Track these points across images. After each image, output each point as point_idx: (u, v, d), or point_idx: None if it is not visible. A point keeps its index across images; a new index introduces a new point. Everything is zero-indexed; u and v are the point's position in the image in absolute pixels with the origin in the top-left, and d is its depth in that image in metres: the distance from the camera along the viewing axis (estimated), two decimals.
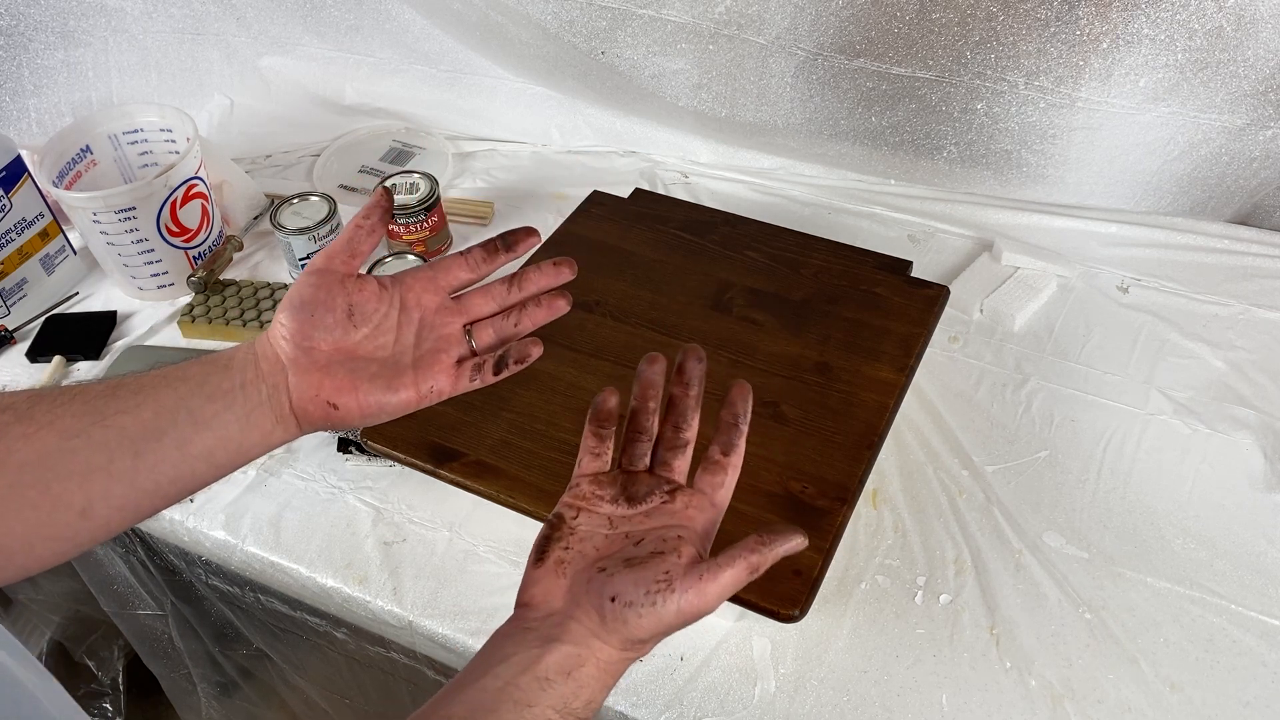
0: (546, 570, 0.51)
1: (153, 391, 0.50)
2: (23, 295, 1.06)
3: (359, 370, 0.55)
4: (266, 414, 0.53)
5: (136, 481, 0.49)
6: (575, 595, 0.49)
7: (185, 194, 1.01)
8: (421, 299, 0.58)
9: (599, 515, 0.53)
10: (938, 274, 1.02)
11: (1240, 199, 1.02)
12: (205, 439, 0.51)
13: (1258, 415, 0.87)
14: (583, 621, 0.48)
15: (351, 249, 0.56)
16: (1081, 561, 0.77)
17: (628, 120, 1.20)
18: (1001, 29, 0.90)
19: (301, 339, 0.54)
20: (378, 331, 0.56)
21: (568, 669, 0.46)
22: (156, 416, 0.50)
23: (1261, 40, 0.85)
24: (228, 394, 0.52)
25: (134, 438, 0.49)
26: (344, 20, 1.20)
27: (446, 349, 0.58)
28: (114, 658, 1.43)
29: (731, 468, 0.55)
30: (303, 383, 0.54)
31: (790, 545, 0.49)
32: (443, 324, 0.58)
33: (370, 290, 0.56)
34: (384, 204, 0.58)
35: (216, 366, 0.53)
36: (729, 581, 0.48)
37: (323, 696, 1.10)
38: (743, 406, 0.55)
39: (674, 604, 0.47)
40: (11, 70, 1.16)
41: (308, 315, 0.54)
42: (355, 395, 0.54)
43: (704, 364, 0.56)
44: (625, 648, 0.48)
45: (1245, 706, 0.69)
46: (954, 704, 0.70)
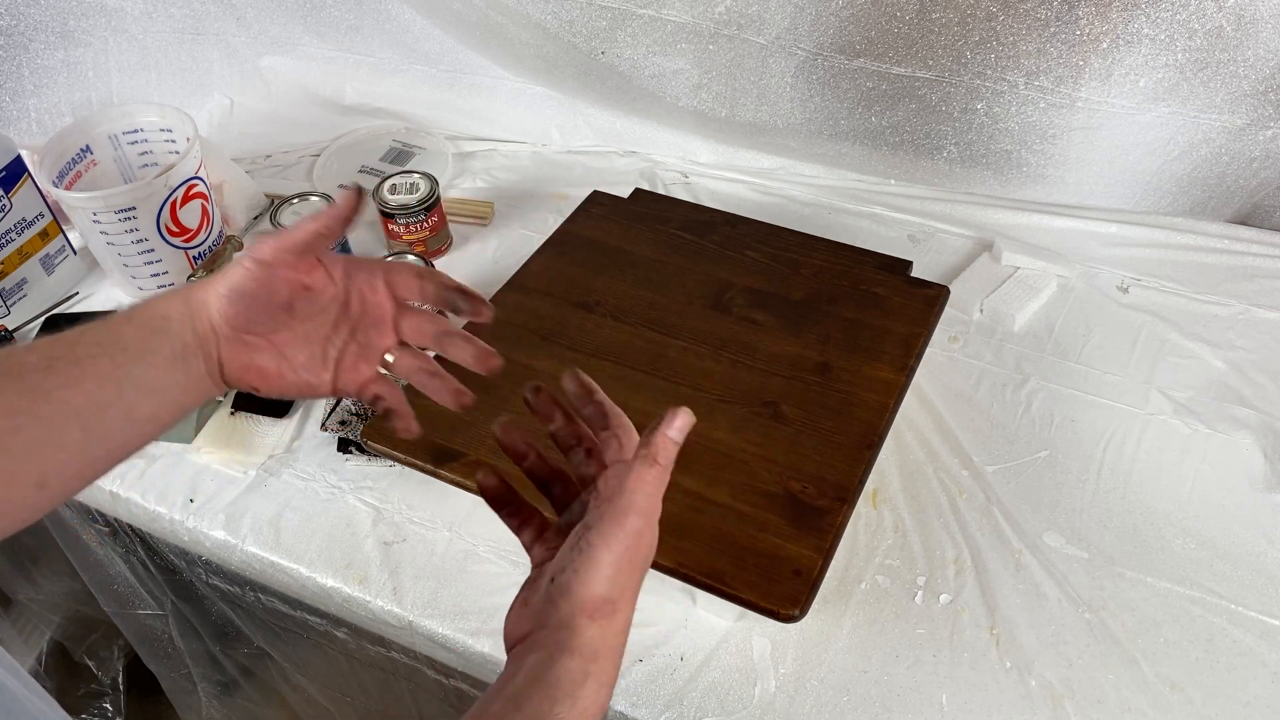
0: (513, 611, 0.49)
1: (92, 363, 0.50)
2: (23, 295, 1.06)
3: (287, 359, 0.56)
4: (204, 376, 0.54)
5: (88, 450, 0.50)
6: (535, 610, 0.47)
7: (185, 194, 1.01)
8: (367, 304, 0.58)
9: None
10: (938, 274, 1.02)
11: (1240, 199, 1.02)
12: (150, 404, 0.52)
13: (1258, 415, 0.87)
14: (545, 624, 0.45)
15: (304, 248, 0.55)
16: (1081, 561, 0.77)
17: (628, 120, 1.20)
18: (1001, 29, 0.90)
19: (237, 325, 0.54)
20: (315, 325, 0.56)
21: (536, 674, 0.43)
22: (100, 388, 0.50)
23: (1261, 40, 0.85)
24: (168, 360, 0.52)
25: (79, 411, 0.49)
26: (344, 20, 1.20)
27: (369, 359, 0.58)
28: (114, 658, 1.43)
29: (618, 429, 0.54)
30: (233, 358, 0.54)
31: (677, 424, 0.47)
32: (377, 334, 0.58)
33: (318, 284, 0.56)
34: (348, 214, 0.55)
35: (152, 330, 0.53)
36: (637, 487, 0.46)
37: (324, 695, 1.10)
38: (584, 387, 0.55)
39: (599, 541, 0.45)
40: (11, 70, 1.16)
41: (246, 306, 0.54)
42: (280, 380, 0.56)
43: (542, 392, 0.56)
44: (592, 615, 0.45)
45: (1245, 706, 0.69)
46: (954, 704, 0.70)
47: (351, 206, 0.55)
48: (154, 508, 0.87)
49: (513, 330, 0.90)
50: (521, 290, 0.94)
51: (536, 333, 0.89)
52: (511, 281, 0.96)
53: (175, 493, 0.88)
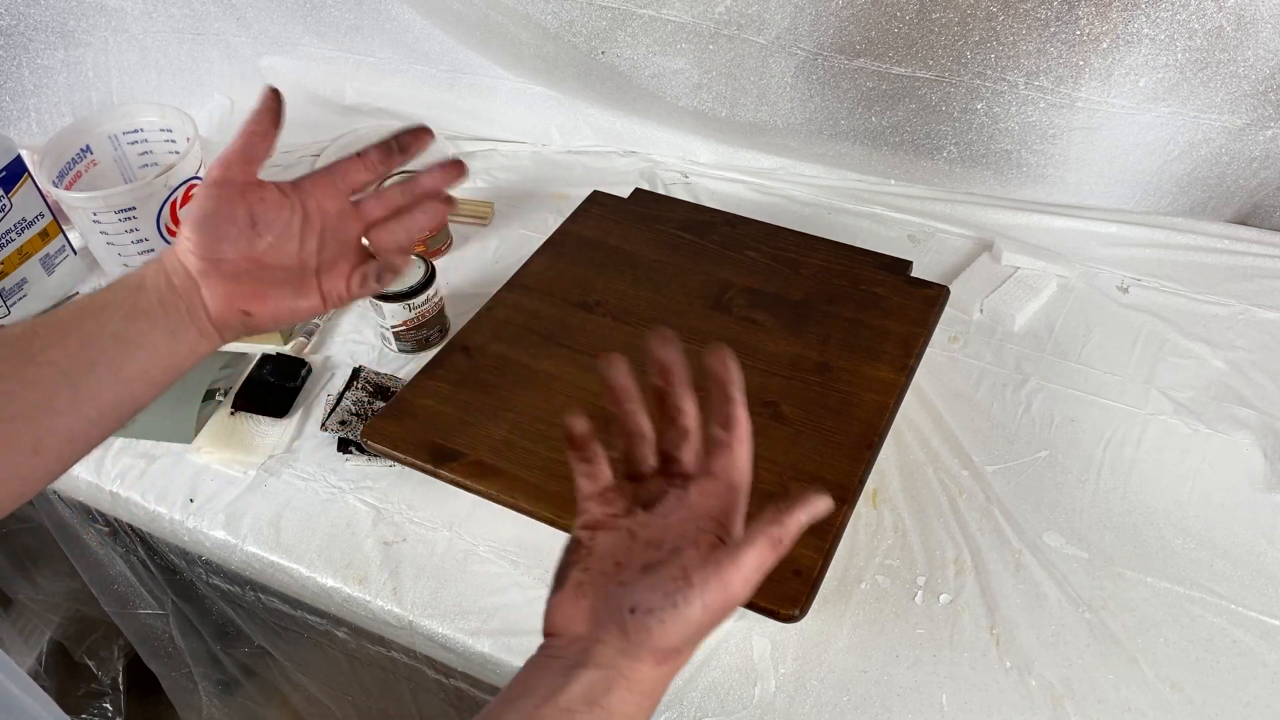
0: (565, 595, 0.48)
1: (74, 324, 0.51)
2: (23, 295, 1.06)
3: (266, 278, 0.56)
4: (189, 327, 0.54)
5: (80, 411, 0.51)
6: (597, 615, 0.46)
7: (185, 194, 1.01)
8: (323, 204, 0.59)
9: (617, 531, 0.50)
10: (938, 274, 1.02)
11: (1240, 199, 1.02)
12: (137, 359, 0.52)
13: (1258, 415, 0.87)
14: (608, 642, 0.44)
15: (247, 156, 0.56)
16: (1081, 561, 0.77)
17: (628, 120, 1.20)
18: (1001, 29, 0.90)
19: (207, 251, 0.54)
20: (282, 239, 0.57)
21: (592, 697, 0.43)
22: (84, 347, 0.51)
23: (1261, 40, 0.85)
24: (149, 313, 0.53)
25: (67, 371, 0.50)
26: (344, 20, 1.20)
27: (346, 255, 0.59)
28: (114, 657, 1.43)
29: (738, 441, 0.51)
30: (216, 293, 0.55)
31: (812, 510, 0.45)
32: (343, 230, 0.59)
33: (271, 198, 0.57)
34: (271, 104, 0.57)
35: (129, 289, 0.54)
36: (752, 563, 0.44)
37: (324, 694, 1.10)
38: (727, 375, 0.51)
39: (696, 600, 0.43)
40: (11, 70, 1.16)
41: (211, 228, 0.55)
42: (266, 302, 0.56)
43: (676, 344, 0.51)
44: (659, 661, 0.45)
45: (1245, 706, 0.69)
46: (954, 704, 0.70)
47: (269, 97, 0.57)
48: (154, 508, 0.87)
49: (513, 330, 0.90)
50: (521, 290, 0.94)
51: (536, 333, 0.89)
52: (511, 281, 0.96)
53: (175, 493, 0.88)
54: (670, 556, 0.46)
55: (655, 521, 0.49)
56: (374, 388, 0.94)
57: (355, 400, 0.93)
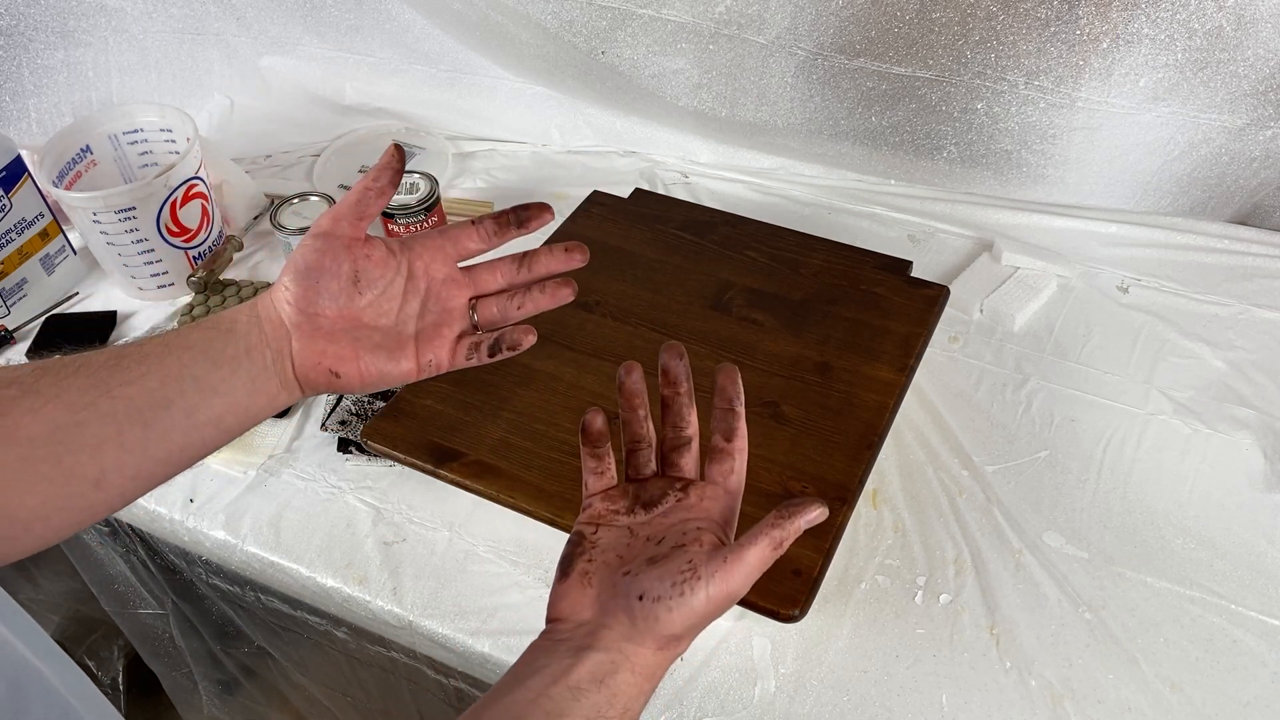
0: (572, 583, 0.51)
1: (157, 361, 0.50)
2: (23, 295, 1.06)
3: (362, 339, 0.54)
4: (271, 378, 0.53)
5: (148, 451, 0.49)
6: (603, 602, 0.49)
7: (185, 194, 1.01)
8: (430, 268, 0.57)
9: (618, 528, 0.53)
10: (938, 274, 1.02)
11: (1240, 199, 1.02)
12: (213, 405, 0.51)
13: (1258, 415, 0.87)
14: (614, 627, 0.48)
15: (359, 212, 0.54)
16: (1081, 561, 0.77)
17: (628, 120, 1.20)
18: (1001, 29, 0.90)
19: (306, 305, 0.53)
20: (383, 298, 0.55)
21: (600, 677, 0.46)
22: (163, 385, 0.49)
23: (1261, 40, 0.85)
24: (233, 359, 0.52)
25: (141, 408, 0.49)
26: (344, 20, 1.20)
27: (449, 323, 0.57)
28: (114, 657, 1.43)
29: (738, 451, 0.55)
30: (306, 349, 0.53)
31: (811, 516, 0.48)
32: (448, 296, 0.57)
33: (378, 255, 0.55)
34: (395, 165, 0.55)
35: (219, 331, 0.52)
36: (754, 560, 0.47)
37: (324, 694, 1.10)
38: (734, 389, 0.55)
39: (702, 591, 0.47)
40: (11, 70, 1.16)
41: (313, 281, 0.53)
42: (357, 364, 0.54)
43: (685, 359, 0.55)
44: (661, 646, 0.48)
45: (1245, 706, 0.69)
46: (954, 704, 0.70)
47: (393, 157, 0.55)
48: (154, 508, 0.87)
49: None
50: None
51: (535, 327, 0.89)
52: None
53: (175, 493, 0.88)
54: (674, 552, 0.49)
55: (655, 520, 0.53)
56: None
57: (355, 400, 0.93)
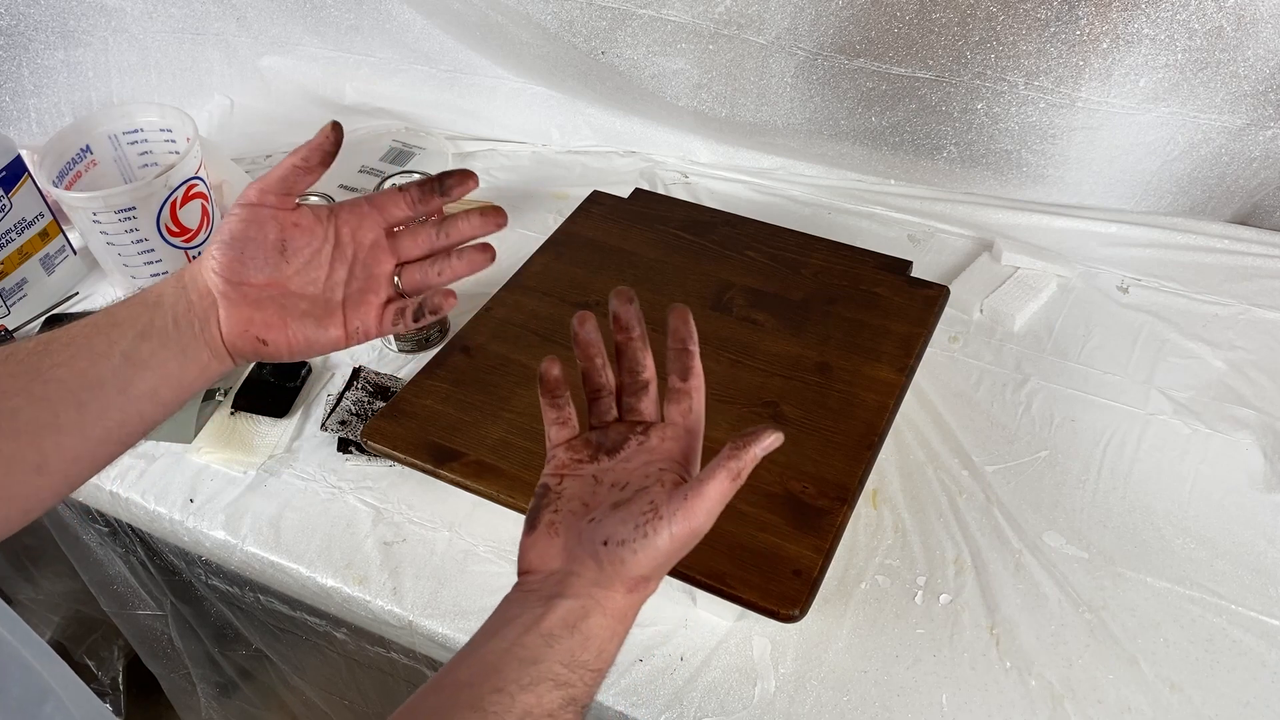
0: (539, 535, 0.51)
1: (85, 341, 0.50)
2: (23, 295, 1.06)
3: (289, 306, 0.55)
4: (201, 348, 0.53)
5: (86, 431, 0.50)
6: (571, 550, 0.49)
7: (185, 194, 1.01)
8: (357, 234, 0.57)
9: (583, 477, 0.53)
10: (938, 274, 1.02)
11: (1240, 199, 1.02)
12: (146, 379, 0.51)
13: (1258, 415, 0.87)
14: (582, 574, 0.48)
15: (285, 188, 0.55)
16: (1081, 561, 0.77)
17: (628, 120, 1.20)
18: (1001, 29, 0.90)
19: (232, 273, 0.53)
20: (310, 266, 0.56)
21: (571, 622, 0.46)
22: (94, 364, 0.50)
23: (1261, 40, 0.85)
24: (161, 331, 0.52)
25: (75, 389, 0.49)
26: (344, 20, 1.20)
27: (375, 289, 0.57)
28: (114, 658, 1.43)
29: (694, 390, 0.55)
30: (233, 317, 0.53)
31: (766, 443, 0.48)
32: (375, 263, 0.58)
33: (305, 223, 0.56)
34: (327, 146, 0.55)
35: (145, 305, 0.53)
36: (714, 495, 0.48)
37: (322, 698, 1.10)
38: (686, 330, 0.55)
39: (665, 530, 0.47)
40: (11, 70, 1.16)
41: (239, 250, 0.54)
42: (285, 331, 0.54)
43: (635, 303, 0.56)
44: (631, 588, 0.48)
45: (1245, 706, 0.69)
46: (954, 704, 0.70)
47: (326, 138, 0.55)
48: (154, 508, 0.87)
49: (512, 330, 0.90)
50: (521, 290, 0.94)
51: (536, 333, 0.89)
52: (511, 281, 0.96)
53: (175, 493, 0.88)
54: (637, 495, 0.50)
55: (618, 466, 0.53)
56: (374, 388, 0.94)
57: (355, 400, 0.93)
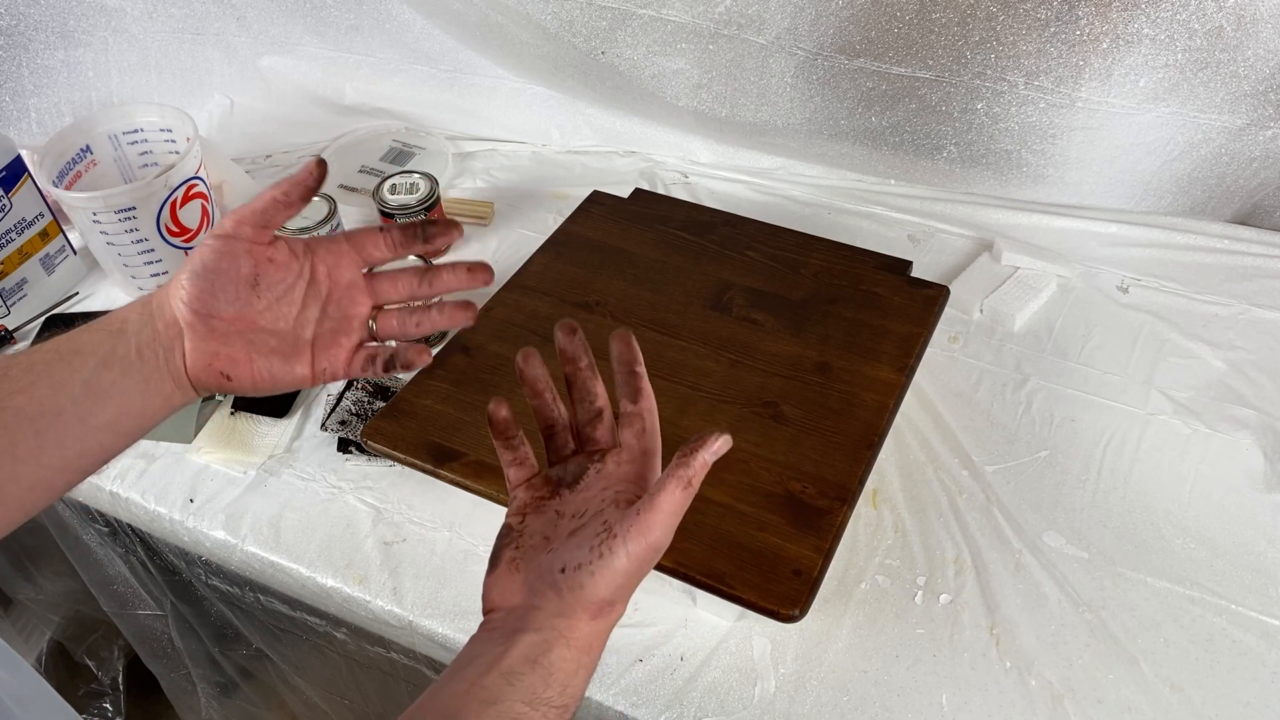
0: (501, 573, 0.51)
1: (45, 368, 0.49)
2: (23, 295, 1.06)
3: (257, 342, 0.53)
4: (165, 378, 0.52)
5: (43, 460, 0.48)
6: (531, 584, 0.49)
7: (185, 194, 1.01)
8: (333, 272, 0.56)
9: (545, 514, 0.53)
10: (938, 274, 1.02)
11: (1240, 199, 1.02)
12: (107, 409, 0.50)
13: (1258, 415, 0.87)
14: (543, 606, 0.47)
15: (264, 220, 0.53)
16: (1081, 561, 0.77)
17: (628, 120, 1.20)
18: (1001, 29, 0.90)
19: (201, 305, 0.52)
20: (281, 302, 0.54)
21: (533, 657, 0.45)
22: (54, 392, 0.49)
23: (1261, 40, 0.85)
24: (124, 360, 0.51)
25: (33, 416, 0.48)
26: (344, 20, 1.20)
27: (348, 331, 0.56)
28: (114, 658, 1.43)
29: (645, 411, 0.54)
30: (198, 350, 0.52)
31: (714, 448, 0.47)
32: (350, 303, 0.56)
33: (280, 257, 0.54)
34: (310, 183, 0.54)
35: (108, 333, 0.51)
36: (668, 506, 0.47)
37: (322, 697, 1.10)
38: (630, 354, 0.54)
39: (621, 549, 0.46)
40: (11, 70, 1.16)
41: (210, 282, 0.52)
42: (250, 367, 0.53)
43: (578, 334, 0.55)
44: (594, 614, 0.47)
45: (1245, 706, 0.69)
46: (954, 704, 0.70)
47: (310, 174, 0.54)
48: (154, 508, 0.87)
49: (512, 330, 0.90)
50: (521, 290, 0.94)
51: (536, 333, 0.89)
52: (511, 281, 0.96)
53: (175, 493, 0.88)
54: (592, 519, 0.49)
55: (578, 496, 0.53)
56: (374, 388, 0.94)
57: (355, 400, 0.93)
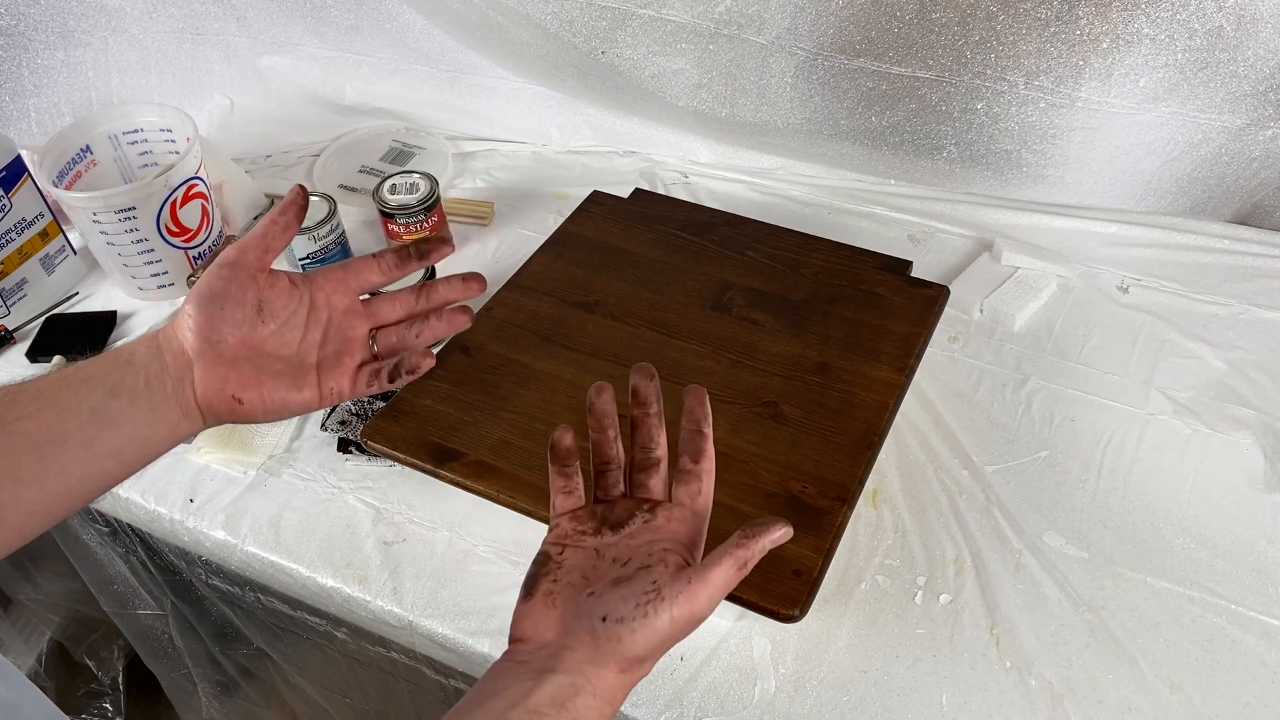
0: (536, 604, 0.50)
1: (53, 395, 0.50)
2: (23, 295, 1.06)
3: (264, 366, 0.55)
4: (173, 407, 0.53)
5: (45, 485, 0.49)
6: (566, 624, 0.49)
7: (185, 194, 1.01)
8: (331, 299, 0.59)
9: (585, 549, 0.53)
10: (938, 274, 1.02)
11: (1240, 199, 1.02)
12: (112, 437, 0.51)
13: (1258, 415, 0.87)
14: (576, 649, 0.47)
15: (265, 244, 0.56)
16: (1081, 561, 0.77)
17: (628, 120, 1.20)
18: (1001, 29, 0.90)
19: (209, 332, 0.54)
20: (285, 328, 0.57)
21: (560, 700, 0.45)
22: (60, 419, 0.49)
23: (1261, 40, 0.85)
24: (132, 389, 0.52)
25: (39, 442, 0.49)
26: (344, 20, 1.20)
27: (350, 352, 0.58)
28: (114, 658, 1.43)
29: (705, 473, 0.55)
30: (208, 376, 0.54)
31: (775, 536, 0.48)
32: (349, 326, 0.59)
33: (281, 287, 0.57)
34: (300, 202, 0.58)
35: (117, 363, 0.53)
36: (719, 581, 0.47)
37: (323, 696, 1.10)
38: (701, 412, 0.55)
39: (665, 612, 0.47)
40: (11, 70, 1.16)
41: (217, 308, 0.54)
42: (260, 391, 0.55)
43: (655, 380, 0.56)
44: (624, 669, 0.47)
45: (1245, 706, 0.69)
46: (954, 704, 0.70)
47: (298, 195, 0.58)
48: (154, 508, 0.87)
49: (513, 330, 0.90)
50: (521, 290, 0.94)
51: (536, 333, 0.89)
52: (511, 281, 0.96)
53: (175, 493, 0.88)
54: (639, 573, 0.49)
55: (622, 542, 0.53)
56: None
57: (355, 400, 0.93)
